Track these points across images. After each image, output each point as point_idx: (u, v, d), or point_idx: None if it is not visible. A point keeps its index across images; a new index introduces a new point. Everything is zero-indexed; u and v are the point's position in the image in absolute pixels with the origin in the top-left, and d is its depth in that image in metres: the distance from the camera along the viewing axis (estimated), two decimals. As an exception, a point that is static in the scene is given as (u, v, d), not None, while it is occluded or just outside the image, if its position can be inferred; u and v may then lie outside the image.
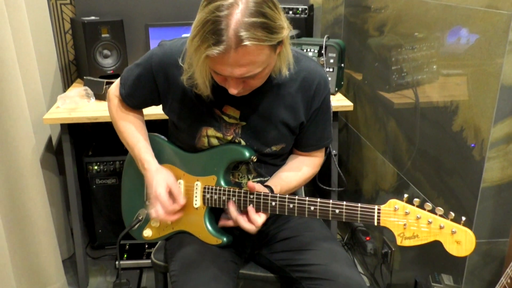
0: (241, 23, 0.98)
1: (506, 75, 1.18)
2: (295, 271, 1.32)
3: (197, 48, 1.03)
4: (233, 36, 0.99)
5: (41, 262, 2.00)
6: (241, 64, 1.03)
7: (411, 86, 1.67)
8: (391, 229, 1.07)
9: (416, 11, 1.59)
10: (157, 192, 1.28)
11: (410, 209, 1.05)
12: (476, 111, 1.30)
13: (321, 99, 1.29)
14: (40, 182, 1.95)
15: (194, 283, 1.22)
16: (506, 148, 1.26)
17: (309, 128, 1.33)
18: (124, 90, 1.37)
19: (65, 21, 2.42)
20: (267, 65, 1.09)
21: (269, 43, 1.03)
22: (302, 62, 1.26)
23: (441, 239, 1.03)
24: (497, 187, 1.30)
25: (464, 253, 1.02)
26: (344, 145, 2.42)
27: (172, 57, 1.24)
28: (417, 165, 1.65)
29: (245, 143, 1.30)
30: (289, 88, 1.26)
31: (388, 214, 1.07)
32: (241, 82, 1.11)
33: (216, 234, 1.33)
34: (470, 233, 1.01)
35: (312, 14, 2.36)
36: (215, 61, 1.04)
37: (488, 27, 1.22)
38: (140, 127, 1.41)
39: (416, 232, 1.05)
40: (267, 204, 1.22)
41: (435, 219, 1.03)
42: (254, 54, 1.02)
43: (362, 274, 2.22)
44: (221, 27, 0.98)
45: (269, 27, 1.02)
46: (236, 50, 1.00)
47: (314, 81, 1.26)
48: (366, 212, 1.09)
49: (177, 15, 2.40)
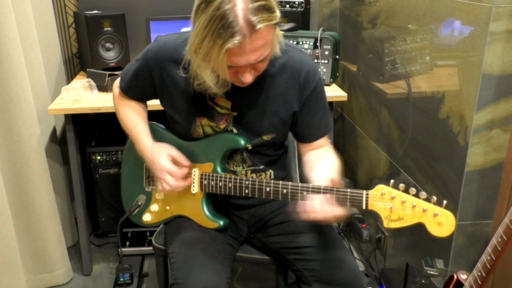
0: (247, 10, 1.03)
1: (487, 64, 1.25)
2: (290, 253, 1.39)
3: (210, 49, 1.06)
4: (246, 24, 1.03)
5: (46, 248, 2.07)
6: (256, 49, 1.08)
7: (403, 77, 1.73)
8: (378, 212, 1.14)
9: (407, 4, 1.65)
10: (161, 164, 1.32)
11: (396, 194, 1.11)
12: (460, 99, 1.36)
13: (312, 87, 1.33)
14: (45, 170, 2.02)
15: (192, 263, 1.28)
16: (488, 134, 1.32)
17: (305, 118, 1.37)
18: (124, 84, 1.44)
19: (68, 15, 2.48)
20: (272, 45, 1.15)
21: (275, 21, 1.09)
22: (290, 53, 1.31)
23: (424, 221, 1.10)
24: (480, 171, 1.37)
25: (445, 233, 1.09)
26: (339, 134, 2.49)
27: (166, 51, 1.30)
28: (408, 152, 1.71)
29: (237, 131, 1.36)
30: (279, 79, 1.31)
31: (375, 198, 1.13)
32: (252, 69, 1.16)
33: (213, 218, 1.39)
34: (451, 215, 1.08)
35: (308, 8, 2.42)
36: (233, 53, 1.07)
37: (472, 19, 1.29)
38: (139, 112, 1.47)
39: (402, 215, 1.11)
40: (261, 190, 1.28)
41: (419, 202, 1.10)
42: (266, 35, 1.08)
43: (358, 259, 2.29)
44: (230, 20, 1.03)
45: (270, 7, 1.07)
46: (251, 36, 1.05)
47: (303, 70, 1.31)
48: (355, 196, 1.15)
49: (177, 9, 2.45)
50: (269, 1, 1.08)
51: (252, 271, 2.26)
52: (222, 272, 1.29)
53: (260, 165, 1.43)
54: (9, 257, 1.87)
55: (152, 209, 1.49)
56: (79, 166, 2.10)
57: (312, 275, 1.31)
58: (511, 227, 1.09)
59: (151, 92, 1.40)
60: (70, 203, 2.38)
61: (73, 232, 2.42)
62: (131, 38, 2.36)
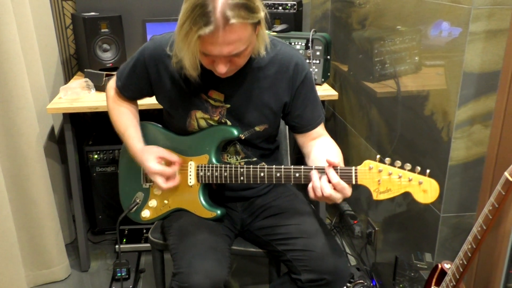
0: (226, 4, 1.11)
1: (468, 62, 1.31)
2: (280, 245, 1.44)
3: (187, 32, 1.15)
4: (221, 17, 1.11)
5: (45, 244, 2.11)
6: (229, 42, 1.15)
7: (391, 76, 1.79)
8: (367, 186, 1.20)
9: (393, 6, 1.71)
10: (151, 168, 1.39)
11: (383, 167, 1.17)
12: (443, 96, 1.43)
13: (302, 78, 1.39)
14: (43, 169, 2.06)
15: (194, 252, 1.33)
16: (470, 129, 1.39)
17: (299, 109, 1.43)
18: (120, 82, 1.50)
19: (66, 16, 2.53)
20: (249, 43, 1.21)
21: (251, 21, 1.16)
22: (278, 46, 1.39)
23: (410, 190, 1.16)
24: (463, 165, 1.43)
25: (430, 199, 1.15)
26: (332, 133, 2.53)
27: (162, 49, 1.37)
28: (397, 149, 1.77)
29: (230, 123, 1.42)
30: (268, 71, 1.38)
31: (364, 173, 1.19)
32: (227, 62, 1.23)
33: (210, 208, 1.45)
34: (434, 182, 1.14)
35: (301, 10, 2.48)
36: (206, 41, 1.15)
37: (453, 20, 1.35)
38: (131, 115, 1.53)
39: (389, 186, 1.17)
40: (256, 176, 1.33)
41: (404, 173, 1.16)
42: (240, 31, 1.15)
43: (350, 255, 2.35)
44: (209, 10, 1.11)
45: (250, 7, 1.15)
46: (224, 29, 1.12)
47: (291, 62, 1.38)
48: (345, 173, 1.21)
49: (173, 11, 2.46)
50: (252, 2, 1.15)
51: (247, 266, 2.31)
52: (223, 262, 1.35)
53: (253, 157, 1.49)
54: (10, 252, 1.91)
55: (150, 205, 1.54)
56: (77, 164, 2.15)
57: (301, 265, 1.37)
58: (489, 217, 1.15)
59: (148, 89, 1.46)
60: (68, 201, 2.43)
61: (71, 230, 2.47)
62: (127, 39, 2.41)
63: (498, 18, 1.27)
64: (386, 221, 1.93)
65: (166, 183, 1.39)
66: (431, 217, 1.54)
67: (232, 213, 1.55)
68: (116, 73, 1.53)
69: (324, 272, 1.34)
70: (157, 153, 1.42)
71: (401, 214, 1.78)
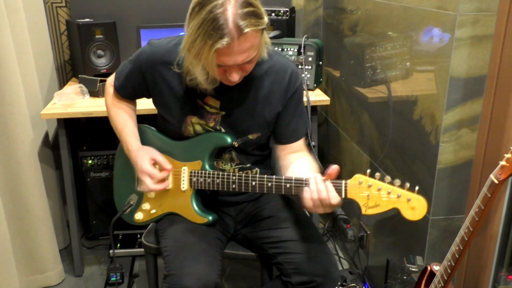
0: (237, 15, 1.13)
1: (454, 67, 1.34)
2: (271, 248, 1.46)
3: (202, 48, 1.16)
4: (234, 27, 1.13)
5: (39, 249, 2.12)
6: (243, 51, 1.18)
7: (382, 82, 1.82)
8: (356, 200, 1.21)
9: (382, 13, 1.74)
10: (143, 167, 1.40)
11: (372, 182, 1.19)
12: (431, 100, 1.45)
13: (295, 88, 1.42)
14: (37, 173, 2.07)
15: (185, 255, 1.35)
16: (457, 133, 1.41)
17: (285, 119, 1.45)
18: (118, 83, 1.52)
19: (61, 23, 2.55)
20: (259, 48, 1.24)
21: (261, 27, 1.19)
22: (275, 58, 1.41)
23: (399, 206, 1.17)
24: (451, 168, 1.45)
25: (418, 217, 1.17)
26: (324, 138, 2.57)
27: (158, 54, 1.39)
28: (388, 153, 1.79)
29: (224, 130, 1.44)
30: (264, 81, 1.40)
31: (353, 187, 1.21)
32: (239, 69, 1.25)
33: (202, 213, 1.46)
34: (422, 200, 1.16)
35: (293, 16, 2.51)
36: (222, 53, 1.17)
37: (439, 26, 1.38)
38: (129, 114, 1.54)
39: (378, 202, 1.19)
40: (248, 184, 1.35)
41: (393, 189, 1.17)
42: (252, 38, 1.17)
43: (343, 258, 2.36)
44: (221, 23, 1.13)
45: (258, 14, 1.18)
46: (239, 39, 1.14)
47: (286, 72, 1.41)
48: (335, 186, 1.22)
49: (167, 17, 2.53)
50: (258, 8, 1.18)
51: (240, 270, 2.32)
52: (214, 265, 1.36)
53: (247, 163, 1.51)
54: (3, 256, 1.92)
55: (144, 208, 1.55)
56: (71, 169, 2.16)
57: (291, 267, 1.39)
58: (476, 219, 1.17)
59: (143, 92, 1.48)
60: (62, 206, 2.43)
61: (65, 235, 2.47)
62: (122, 45, 2.43)
63: (483, 24, 1.31)
64: (378, 224, 1.96)
65: (154, 185, 1.40)
66: (420, 220, 1.55)
67: (225, 217, 1.56)
68: (115, 72, 1.54)
69: (314, 275, 1.36)
70: (152, 154, 1.44)
71: (392, 217, 1.80)
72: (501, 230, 1.42)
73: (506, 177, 1.09)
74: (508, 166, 1.08)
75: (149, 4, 2.54)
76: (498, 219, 1.41)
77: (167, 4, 2.53)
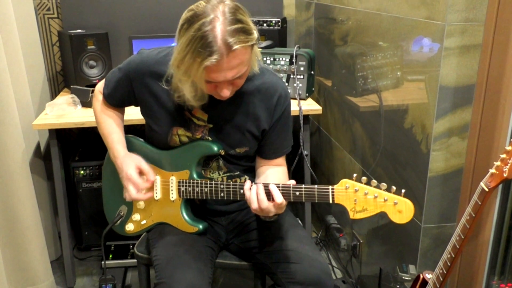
0: (225, 32, 1.14)
1: (444, 77, 1.36)
2: (265, 257, 1.46)
3: (190, 65, 1.17)
4: (223, 44, 1.14)
5: (30, 261, 2.10)
6: (233, 67, 1.19)
7: (373, 91, 1.83)
8: (344, 205, 1.21)
9: (372, 23, 1.76)
10: (128, 174, 1.40)
11: (359, 187, 1.19)
12: (421, 109, 1.47)
13: (282, 110, 1.44)
14: (29, 185, 2.06)
15: (176, 263, 1.35)
16: (447, 142, 1.43)
17: (271, 137, 1.47)
18: (107, 90, 1.52)
19: (53, 34, 2.56)
20: (249, 64, 1.25)
21: (250, 43, 1.19)
22: (266, 76, 1.42)
23: (386, 210, 1.18)
24: (442, 177, 1.46)
25: (405, 220, 1.17)
26: (317, 147, 2.58)
27: (147, 65, 1.39)
28: (379, 161, 1.80)
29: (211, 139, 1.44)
30: (253, 98, 1.41)
31: (340, 192, 1.21)
32: (230, 84, 1.26)
33: (192, 222, 1.46)
34: (409, 203, 1.16)
35: (285, 26, 2.53)
36: (211, 70, 1.18)
37: (428, 36, 1.40)
38: (117, 121, 1.54)
39: (365, 206, 1.19)
40: (236, 192, 1.35)
41: (380, 193, 1.18)
42: (242, 55, 1.18)
43: (336, 268, 2.36)
44: (210, 40, 1.14)
45: (247, 30, 1.18)
46: (228, 56, 1.15)
47: (276, 93, 1.42)
48: (322, 192, 1.23)
49: (159, 27, 2.55)
50: (247, 24, 1.19)
51: (233, 281, 2.31)
52: (204, 272, 1.36)
53: (236, 171, 1.51)
54: (-7, 269, 1.90)
55: (134, 219, 1.55)
56: (62, 180, 2.15)
57: (285, 277, 1.38)
58: (467, 226, 1.18)
59: (131, 100, 1.49)
60: (54, 217, 2.41)
61: (56, 246, 2.45)
62: (114, 56, 2.43)
63: (471, 34, 1.32)
64: (371, 233, 1.96)
65: (137, 194, 1.40)
66: (412, 228, 1.57)
67: (217, 226, 1.56)
68: (105, 79, 1.55)
69: (308, 284, 1.35)
70: (138, 162, 1.43)
71: (384, 226, 1.80)
72: (492, 238, 1.43)
73: (496, 184, 1.11)
74: (498, 173, 1.10)
75: (141, 15, 2.55)
76: (489, 226, 1.42)
77: (159, 15, 2.55)
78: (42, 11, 2.51)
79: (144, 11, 2.55)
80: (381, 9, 1.68)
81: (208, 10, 1.16)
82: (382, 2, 1.67)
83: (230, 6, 1.18)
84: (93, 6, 2.50)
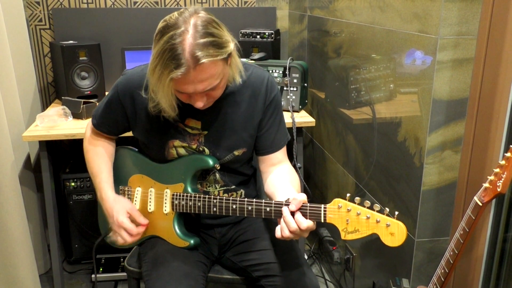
0: (194, 45, 1.14)
1: (436, 90, 1.35)
2: (255, 271, 1.44)
3: (160, 75, 1.17)
4: (190, 58, 1.14)
5: (18, 274, 2.06)
6: (202, 80, 1.18)
7: (367, 103, 1.83)
8: (335, 225, 1.19)
9: (365, 35, 1.76)
10: (119, 221, 1.40)
11: (352, 207, 1.18)
12: (415, 122, 1.46)
13: (273, 95, 1.43)
14: (18, 197, 2.03)
15: (167, 279, 1.33)
16: (441, 155, 1.42)
17: (264, 127, 1.45)
18: (96, 120, 1.51)
19: (45, 45, 2.54)
20: (223, 76, 1.24)
21: (221, 57, 1.19)
22: (250, 70, 1.42)
23: (378, 232, 1.16)
24: (435, 190, 1.45)
25: (397, 243, 1.14)
26: (310, 159, 2.57)
27: (134, 81, 1.39)
28: (372, 174, 1.80)
29: (208, 150, 1.43)
30: (243, 95, 1.41)
31: (333, 211, 1.19)
32: (204, 95, 1.26)
33: (184, 237, 1.44)
34: (402, 225, 1.14)
35: (278, 38, 2.53)
36: (179, 82, 1.18)
37: (421, 49, 1.40)
38: (105, 158, 1.53)
39: (357, 227, 1.17)
40: (228, 208, 1.34)
41: (373, 214, 1.16)
42: (211, 68, 1.18)
43: (329, 281, 2.34)
44: (178, 52, 1.14)
45: (218, 44, 1.18)
46: (195, 69, 1.15)
47: (263, 81, 1.42)
48: (314, 210, 1.21)
49: (152, 39, 2.53)
50: (219, 38, 1.19)
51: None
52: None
53: (232, 185, 1.50)
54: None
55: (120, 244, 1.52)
56: (52, 193, 2.12)
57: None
58: (461, 241, 1.17)
59: (124, 123, 1.47)
60: (43, 230, 2.38)
61: (45, 259, 2.42)
62: (106, 67, 2.42)
63: (464, 48, 1.33)
64: (364, 247, 1.94)
65: (131, 238, 1.41)
66: (406, 242, 1.54)
67: (210, 240, 1.54)
68: (92, 112, 1.54)
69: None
70: (128, 207, 1.44)
71: (378, 239, 1.78)
72: (486, 252, 1.42)
73: (489, 199, 1.10)
74: (492, 188, 1.09)
75: (133, 26, 2.54)
76: (483, 241, 1.42)
77: (152, 26, 2.49)
78: (34, 22, 2.50)
79: (136, 22, 2.55)
80: (374, 22, 1.68)
81: (180, 22, 1.16)
82: (375, 15, 1.67)
83: (203, 19, 1.18)
84: (85, 17, 2.50)
